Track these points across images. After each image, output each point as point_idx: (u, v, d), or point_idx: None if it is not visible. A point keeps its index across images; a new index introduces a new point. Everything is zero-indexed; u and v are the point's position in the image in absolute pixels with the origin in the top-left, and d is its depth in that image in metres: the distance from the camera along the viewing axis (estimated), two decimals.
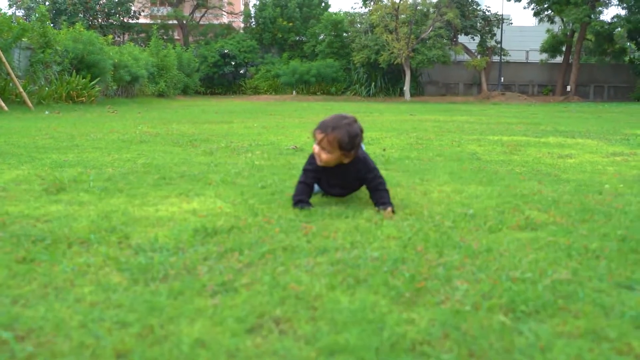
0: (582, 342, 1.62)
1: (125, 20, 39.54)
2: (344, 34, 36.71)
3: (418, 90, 35.69)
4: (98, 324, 1.71)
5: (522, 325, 1.73)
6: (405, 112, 16.85)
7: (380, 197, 3.31)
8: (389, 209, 3.19)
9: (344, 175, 3.38)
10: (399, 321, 1.74)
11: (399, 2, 32.14)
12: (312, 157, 3.41)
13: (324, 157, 3.22)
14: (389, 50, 31.80)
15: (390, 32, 31.94)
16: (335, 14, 37.42)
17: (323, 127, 3.19)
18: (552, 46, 37.33)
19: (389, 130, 9.48)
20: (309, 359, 1.53)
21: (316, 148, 3.24)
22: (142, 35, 40.01)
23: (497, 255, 2.40)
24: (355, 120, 3.27)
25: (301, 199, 3.31)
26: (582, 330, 1.69)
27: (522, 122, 12.16)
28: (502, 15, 36.13)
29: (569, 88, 34.40)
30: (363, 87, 34.82)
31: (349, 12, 36.48)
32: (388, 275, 2.13)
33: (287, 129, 9.49)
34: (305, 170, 3.40)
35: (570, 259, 2.36)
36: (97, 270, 2.17)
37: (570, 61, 35.37)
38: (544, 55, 38.35)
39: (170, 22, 41.66)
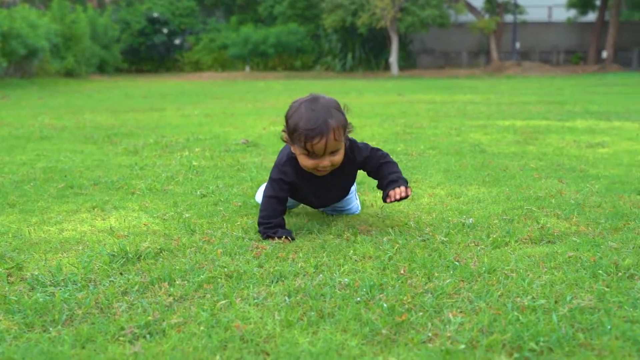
0: None
1: None
2: None
3: (408, 62, 35.88)
4: None
5: None
6: (392, 91, 16.98)
7: (389, 171, 3.20)
8: (402, 187, 3.09)
9: (338, 175, 3.20)
10: None
11: None
12: (284, 164, 3.18)
13: (338, 159, 3.05)
14: (369, 10, 31.92)
15: None
16: None
17: (316, 130, 2.92)
18: (582, 0, 37.79)
19: (370, 115, 9.56)
20: None
21: (326, 161, 3.01)
22: None
23: (501, 278, 2.45)
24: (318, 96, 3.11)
25: (275, 224, 3.09)
26: None
27: (543, 101, 12.34)
28: None
29: (605, 54, 34.84)
30: (337, 60, 34.87)
31: None
32: (361, 307, 2.17)
33: (237, 118, 9.52)
34: (274, 180, 3.17)
35: (596, 280, 2.43)
36: None
37: (606, 19, 35.83)
38: (572, 12, 38.79)
39: None
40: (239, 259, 2.71)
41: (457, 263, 2.62)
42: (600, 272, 2.50)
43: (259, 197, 3.60)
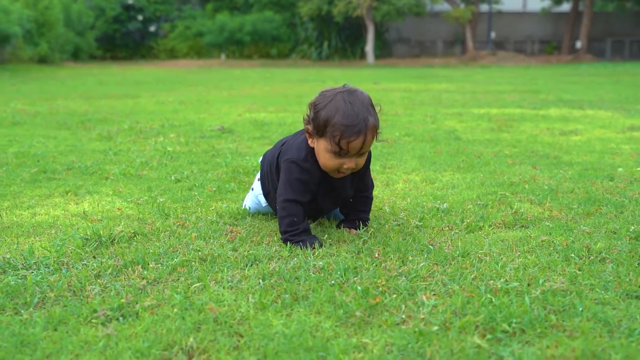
0: None
1: None
2: None
3: (384, 51, 35.92)
4: None
5: (502, 348, 1.79)
6: (368, 80, 16.98)
7: (361, 208, 3.03)
8: (353, 231, 2.91)
9: (349, 178, 2.94)
10: (346, 347, 1.78)
11: None
12: (305, 159, 2.80)
13: (362, 162, 2.80)
14: None
15: None
16: None
17: (355, 127, 2.63)
18: None
19: None
20: None
21: (352, 162, 2.73)
22: None
23: (475, 261, 2.47)
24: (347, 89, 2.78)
25: (302, 229, 2.74)
26: (578, 353, 1.76)
27: (517, 90, 12.40)
28: None
29: (579, 44, 35.08)
30: (313, 48, 34.86)
31: None
32: (335, 290, 2.17)
33: (213, 105, 9.48)
34: (296, 180, 2.78)
35: (568, 264, 2.45)
36: None
37: (580, 9, 36.06)
38: (547, 2, 39.01)
39: None
40: (213, 243, 2.71)
41: (431, 247, 2.63)
42: (573, 255, 2.52)
43: (247, 201, 3.28)
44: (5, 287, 2.20)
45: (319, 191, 2.88)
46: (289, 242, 2.69)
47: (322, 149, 2.71)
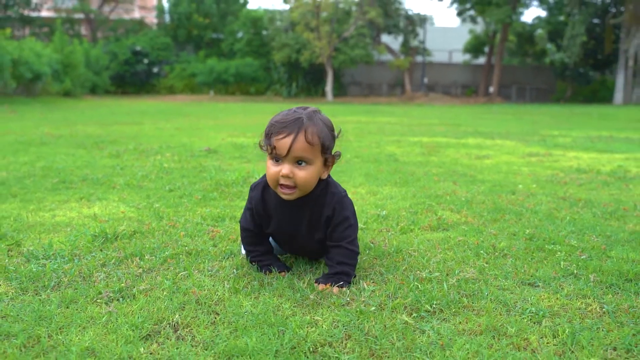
0: (482, 339, 1.70)
1: (26, 13, 38.01)
2: (264, 32, 36.73)
3: (341, 91, 36.10)
4: None
5: (424, 324, 1.80)
6: (327, 114, 16.94)
7: (341, 260, 2.14)
8: (334, 289, 2.06)
9: (303, 214, 2.20)
10: (301, 323, 1.77)
11: None
12: (254, 188, 2.25)
13: (303, 176, 2.06)
14: (310, 49, 32.02)
15: (312, 31, 32.17)
16: (255, 10, 37.39)
17: (284, 123, 2.04)
18: (474, 47, 38.57)
19: None
20: None
21: (286, 168, 2.05)
22: (45, 29, 38.60)
23: (406, 256, 2.47)
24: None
25: (263, 252, 2.26)
26: (483, 327, 1.77)
27: (444, 124, 12.51)
28: (425, 15, 37.09)
29: (491, 89, 35.60)
30: (284, 87, 34.93)
31: (268, 9, 36.54)
32: (294, 278, 2.16)
33: (202, 130, 9.42)
34: (245, 209, 2.29)
35: (478, 258, 2.47)
36: None
37: (492, 62, 36.62)
38: (467, 56, 39.56)
39: (77, 16, 40.39)
40: (198, 240, 2.68)
41: (372, 244, 2.64)
42: (482, 252, 2.54)
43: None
44: (28, 272, 2.16)
45: (278, 224, 2.23)
46: (255, 263, 2.25)
47: (267, 159, 2.13)
